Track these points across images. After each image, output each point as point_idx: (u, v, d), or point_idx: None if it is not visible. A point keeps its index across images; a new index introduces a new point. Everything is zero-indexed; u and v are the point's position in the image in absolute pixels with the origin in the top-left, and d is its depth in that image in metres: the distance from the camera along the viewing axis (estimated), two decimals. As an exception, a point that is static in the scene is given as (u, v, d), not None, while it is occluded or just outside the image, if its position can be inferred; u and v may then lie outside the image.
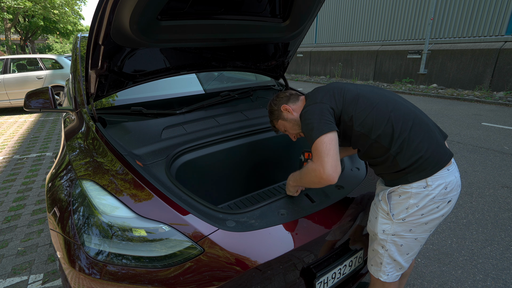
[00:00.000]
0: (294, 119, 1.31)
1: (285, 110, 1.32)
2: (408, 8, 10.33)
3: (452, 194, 1.09)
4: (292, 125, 1.33)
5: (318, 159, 1.02)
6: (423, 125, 1.09)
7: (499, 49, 7.88)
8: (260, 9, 1.59)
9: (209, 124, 1.77)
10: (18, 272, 2.01)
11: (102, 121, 1.61)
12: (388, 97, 1.14)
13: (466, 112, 6.32)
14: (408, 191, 1.07)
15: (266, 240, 1.06)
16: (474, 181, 3.17)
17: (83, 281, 0.96)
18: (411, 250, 1.17)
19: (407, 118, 1.08)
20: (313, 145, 1.05)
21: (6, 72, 7.02)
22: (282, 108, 1.32)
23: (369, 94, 1.14)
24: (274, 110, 1.35)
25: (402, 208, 1.10)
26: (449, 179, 1.07)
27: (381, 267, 1.21)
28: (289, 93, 1.37)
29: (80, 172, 1.17)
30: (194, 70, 1.92)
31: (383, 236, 1.16)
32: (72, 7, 20.20)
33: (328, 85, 1.23)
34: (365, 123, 1.09)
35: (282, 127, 1.38)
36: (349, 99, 1.12)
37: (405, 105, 1.13)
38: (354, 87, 1.18)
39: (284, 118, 1.34)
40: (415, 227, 1.11)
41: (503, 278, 1.88)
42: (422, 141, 1.05)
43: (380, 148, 1.09)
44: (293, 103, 1.33)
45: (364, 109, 1.10)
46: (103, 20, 1.11)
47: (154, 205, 1.04)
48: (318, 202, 1.28)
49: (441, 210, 1.09)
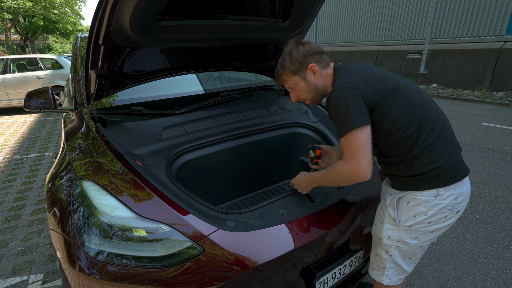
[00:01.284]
0: (315, 85, 1.11)
1: (311, 71, 1.10)
2: (408, 8, 10.33)
3: (461, 204, 1.06)
4: (308, 89, 1.13)
5: (353, 157, 0.94)
6: (450, 134, 1.03)
7: (499, 49, 7.88)
8: (260, 9, 1.60)
9: (209, 124, 1.77)
10: (18, 272, 2.01)
11: (102, 121, 1.61)
12: (423, 97, 1.04)
13: (466, 112, 6.32)
14: (418, 198, 1.04)
15: (266, 240, 1.06)
16: (474, 181, 3.16)
17: (83, 281, 0.96)
18: (414, 256, 1.16)
19: (436, 124, 1.01)
20: (345, 138, 0.96)
21: (6, 72, 7.02)
22: (310, 66, 1.09)
23: (407, 89, 1.02)
24: (298, 61, 1.09)
25: (410, 215, 1.07)
26: (461, 190, 1.04)
27: (384, 271, 1.20)
28: (321, 51, 1.11)
29: (80, 172, 1.17)
30: (194, 70, 1.92)
31: (388, 241, 1.14)
32: (72, 7, 20.19)
33: (364, 67, 1.06)
34: (396, 122, 0.99)
35: (293, 83, 1.15)
36: (388, 91, 0.99)
37: (436, 110, 1.05)
38: (392, 77, 1.04)
39: (304, 78, 1.11)
40: (421, 235, 1.09)
41: (503, 278, 1.88)
42: (444, 150, 1.00)
43: (400, 149, 1.02)
44: (323, 68, 1.11)
45: (400, 106, 0.99)
46: (103, 20, 1.10)
47: (154, 205, 1.04)
48: (318, 202, 1.28)
49: (448, 220, 1.06)
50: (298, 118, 2.00)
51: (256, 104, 2.14)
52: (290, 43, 1.14)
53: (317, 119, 2.01)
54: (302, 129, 1.95)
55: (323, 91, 1.13)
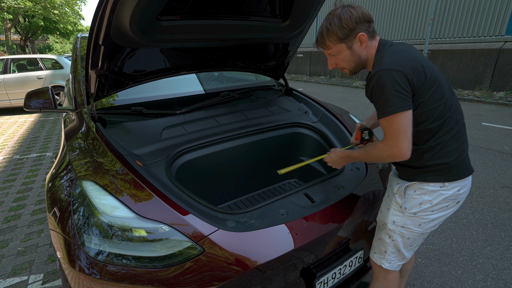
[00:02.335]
0: (359, 55, 1.06)
1: (359, 40, 1.03)
2: (408, 8, 10.33)
3: (463, 196, 1.11)
4: (351, 59, 1.08)
5: (394, 139, 0.96)
6: (464, 136, 1.08)
7: (499, 49, 7.88)
8: (260, 9, 1.60)
9: (209, 124, 1.77)
10: (18, 272, 2.01)
11: (102, 121, 1.61)
12: (453, 97, 1.06)
13: (466, 112, 6.32)
14: (424, 187, 1.09)
15: (266, 240, 1.06)
16: (474, 181, 3.16)
17: (83, 281, 0.96)
18: (415, 243, 1.20)
19: (456, 124, 1.05)
20: (386, 120, 0.96)
21: (6, 72, 7.02)
22: (359, 35, 1.01)
23: (444, 84, 1.03)
24: (348, 28, 1.00)
25: (415, 203, 1.11)
26: (464, 183, 1.09)
27: (384, 255, 1.24)
28: (371, 19, 1.04)
29: (80, 172, 1.17)
30: (194, 70, 1.92)
31: (392, 226, 1.18)
32: (72, 7, 20.20)
33: (411, 50, 1.01)
34: (426, 114, 1.00)
35: (336, 51, 1.07)
36: (431, 81, 0.97)
37: (460, 111, 1.08)
38: (435, 68, 1.02)
39: (350, 47, 1.04)
40: (424, 223, 1.13)
41: (503, 278, 1.88)
42: (456, 149, 1.05)
43: (418, 138, 1.03)
44: (370, 38, 1.04)
45: (436, 100, 0.99)
46: (103, 20, 1.11)
47: (154, 205, 1.04)
48: (318, 202, 1.28)
49: (449, 209, 1.12)
50: (298, 118, 2.00)
51: (256, 104, 2.14)
52: (338, 5, 1.04)
53: (317, 119, 2.01)
54: (302, 129, 1.95)
55: (365, 62, 1.09)
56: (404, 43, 1.09)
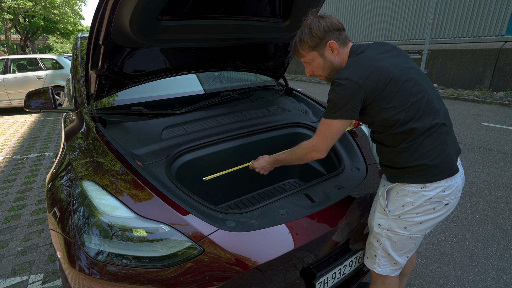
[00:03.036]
0: (332, 62, 1.11)
1: (330, 48, 1.08)
2: (408, 8, 10.33)
3: (450, 197, 1.07)
4: (324, 66, 1.13)
5: (323, 139, 1.09)
6: (443, 134, 1.04)
7: (499, 49, 7.88)
8: (260, 9, 1.60)
9: (209, 124, 1.77)
10: (18, 272, 2.01)
11: (102, 121, 1.61)
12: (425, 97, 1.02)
13: (466, 112, 6.32)
14: (405, 189, 1.08)
15: (266, 240, 1.06)
16: (474, 181, 3.16)
17: (83, 281, 0.96)
18: (405, 247, 1.17)
19: (430, 125, 1.01)
20: (327, 121, 1.05)
21: (6, 72, 7.02)
22: (329, 43, 1.07)
23: (410, 87, 1.00)
24: (318, 37, 1.06)
25: (398, 205, 1.10)
26: (448, 183, 1.05)
27: (375, 259, 1.22)
28: (342, 27, 1.09)
29: (80, 172, 1.17)
30: (194, 70, 1.92)
31: (378, 230, 1.18)
32: (72, 7, 20.21)
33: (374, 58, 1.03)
34: (390, 121, 1.01)
35: (309, 59, 1.13)
36: (389, 90, 0.99)
37: (437, 108, 1.04)
38: (400, 72, 1.01)
39: (322, 54, 1.10)
40: (410, 226, 1.11)
41: (504, 278, 1.88)
42: (433, 149, 1.02)
43: (391, 141, 1.06)
44: (342, 46, 1.09)
45: (397, 106, 0.99)
46: (103, 20, 1.11)
47: (154, 205, 1.04)
48: (318, 202, 1.27)
49: (437, 212, 1.08)
50: (298, 118, 2.00)
51: (256, 104, 2.14)
52: (310, 15, 1.11)
53: (317, 119, 2.01)
54: (302, 129, 1.95)
55: (339, 68, 1.12)
56: (382, 44, 1.10)
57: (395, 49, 1.11)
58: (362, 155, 1.63)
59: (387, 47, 1.10)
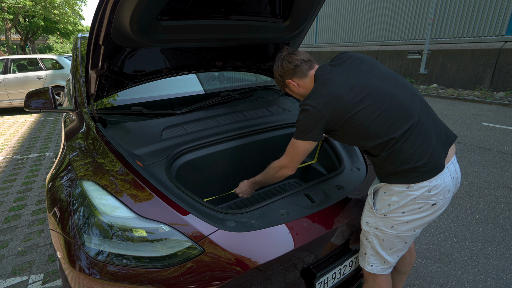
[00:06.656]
0: (299, 93, 1.28)
1: (290, 84, 1.26)
2: (408, 8, 10.33)
3: (437, 197, 1.06)
4: (298, 95, 1.30)
5: (290, 159, 1.20)
6: (421, 135, 1.03)
7: (499, 49, 7.88)
8: (260, 9, 1.60)
9: (209, 124, 1.77)
10: (18, 272, 2.01)
11: (102, 121, 1.61)
12: (394, 102, 1.04)
13: (466, 112, 6.32)
14: (391, 188, 1.10)
15: (266, 240, 1.06)
16: (474, 181, 3.16)
17: (83, 281, 0.96)
18: (394, 246, 1.17)
19: (404, 128, 1.02)
20: (296, 142, 1.14)
21: (6, 72, 7.02)
22: (287, 81, 1.26)
23: (375, 102, 1.03)
24: (279, 80, 1.29)
25: (384, 204, 1.12)
26: (434, 183, 1.04)
27: (365, 257, 1.24)
28: (296, 64, 1.20)
29: (81, 172, 1.17)
30: (194, 70, 1.92)
31: (366, 228, 1.20)
32: (73, 7, 20.21)
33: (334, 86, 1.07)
34: (362, 134, 1.07)
35: (287, 91, 1.34)
36: (348, 116, 1.05)
37: (408, 109, 1.04)
38: (354, 101, 1.04)
39: (290, 90, 1.30)
40: (396, 225, 1.12)
41: (504, 278, 1.88)
42: (413, 153, 1.02)
43: (373, 151, 1.11)
44: (301, 78, 1.23)
45: (360, 131, 1.06)
46: (103, 20, 1.11)
47: (154, 205, 1.04)
48: (318, 203, 1.28)
49: (424, 212, 1.08)
50: None
51: (256, 104, 2.14)
52: (277, 58, 1.28)
53: None
54: None
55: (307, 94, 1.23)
56: (345, 60, 1.14)
57: (357, 59, 1.14)
58: (362, 155, 1.64)
59: (349, 62, 1.13)
